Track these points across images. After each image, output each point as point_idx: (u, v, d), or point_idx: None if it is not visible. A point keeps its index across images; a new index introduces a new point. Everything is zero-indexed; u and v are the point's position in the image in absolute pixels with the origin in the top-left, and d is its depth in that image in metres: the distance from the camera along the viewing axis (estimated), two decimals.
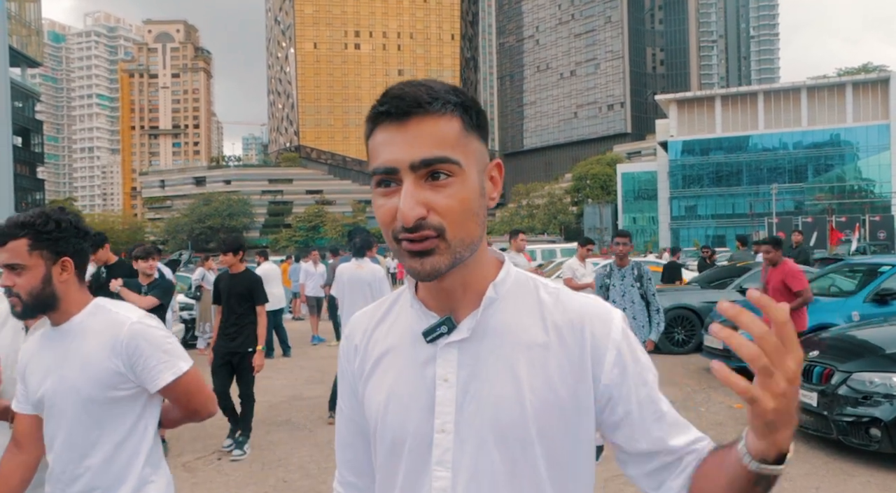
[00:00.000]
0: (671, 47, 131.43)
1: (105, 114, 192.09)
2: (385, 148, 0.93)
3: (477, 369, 0.99)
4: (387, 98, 0.94)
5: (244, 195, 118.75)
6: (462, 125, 0.95)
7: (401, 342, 1.06)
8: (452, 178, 0.92)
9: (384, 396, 1.04)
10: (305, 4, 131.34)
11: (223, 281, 6.12)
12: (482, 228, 0.98)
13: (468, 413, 0.98)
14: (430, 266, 0.92)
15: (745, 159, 67.43)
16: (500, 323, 1.01)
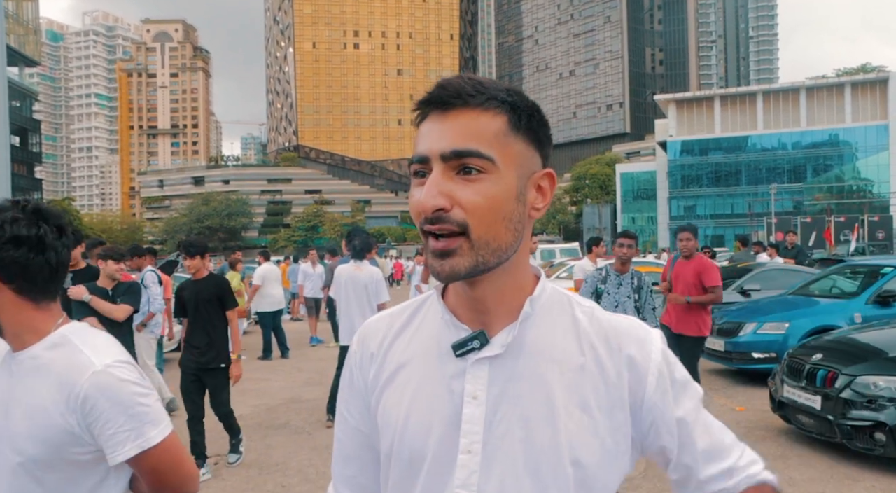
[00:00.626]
0: (670, 47, 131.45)
1: (103, 113, 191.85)
2: (423, 137, 0.91)
3: (509, 387, 0.94)
4: (434, 88, 0.92)
5: (243, 195, 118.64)
6: (507, 124, 0.91)
7: (425, 354, 1.00)
8: (484, 174, 0.89)
9: (404, 410, 0.98)
10: (304, 4, 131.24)
11: (188, 289, 5.47)
12: (516, 237, 0.93)
13: (497, 434, 0.92)
14: (450, 267, 0.89)
15: (744, 159, 67.45)
16: (535, 341, 0.96)
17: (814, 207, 60.55)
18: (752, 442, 5.97)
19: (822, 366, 5.72)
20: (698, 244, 6.31)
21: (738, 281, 10.84)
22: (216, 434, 6.56)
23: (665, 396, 0.97)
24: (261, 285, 11.57)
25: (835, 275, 9.91)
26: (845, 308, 8.41)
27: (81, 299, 4.99)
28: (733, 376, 9.05)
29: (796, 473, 5.27)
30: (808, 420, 5.70)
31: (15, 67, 65.77)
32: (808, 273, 10.75)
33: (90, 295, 5.08)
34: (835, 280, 9.85)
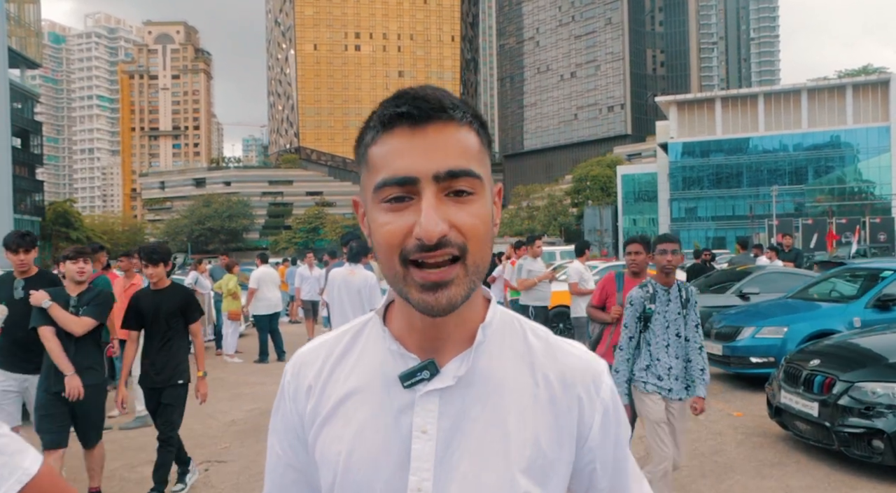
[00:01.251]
0: (671, 49, 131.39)
1: (105, 115, 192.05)
2: (400, 156, 0.82)
3: (460, 420, 0.88)
4: (405, 99, 0.83)
5: (244, 197, 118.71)
6: (479, 140, 0.87)
7: (369, 385, 0.92)
8: (475, 195, 0.83)
9: (346, 446, 0.90)
10: (305, 6, 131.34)
11: (144, 299, 4.89)
12: (490, 259, 0.90)
13: (448, 470, 0.87)
14: (447, 300, 0.82)
15: (746, 161, 67.40)
16: (487, 370, 0.91)
17: (815, 208, 60.49)
18: (750, 449, 5.93)
19: (819, 372, 5.67)
20: (649, 260, 5.01)
21: (737, 284, 10.78)
22: (208, 439, 6.51)
23: (608, 436, 0.95)
24: (257, 289, 11.53)
25: (834, 278, 9.85)
26: (844, 312, 8.35)
27: (41, 305, 4.43)
28: (731, 380, 8.99)
29: (793, 480, 5.21)
30: (806, 427, 5.64)
31: (17, 69, 65.91)
32: (807, 276, 10.69)
33: (51, 301, 4.45)
34: (834, 284, 9.79)
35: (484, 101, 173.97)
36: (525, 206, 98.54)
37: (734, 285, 10.88)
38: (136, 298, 4.95)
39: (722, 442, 6.21)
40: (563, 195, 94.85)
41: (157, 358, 4.84)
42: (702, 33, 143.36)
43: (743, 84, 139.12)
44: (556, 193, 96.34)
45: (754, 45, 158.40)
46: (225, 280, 12.01)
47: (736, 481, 5.22)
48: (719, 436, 6.42)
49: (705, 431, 6.59)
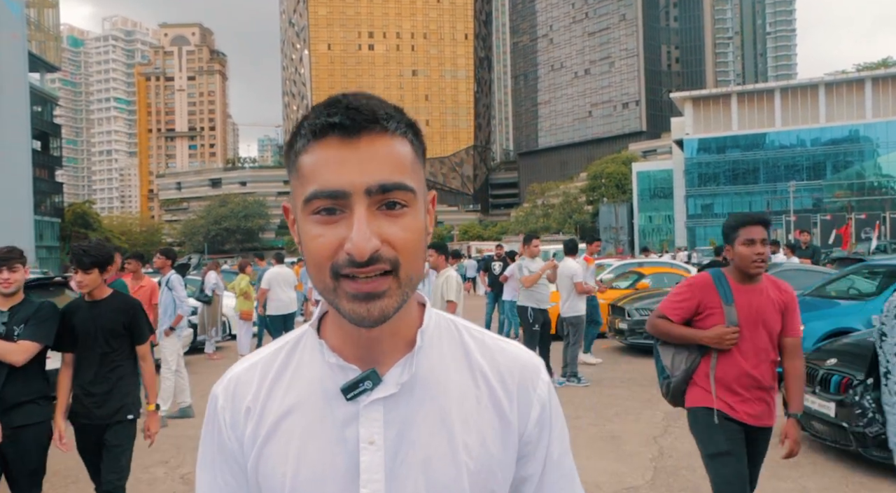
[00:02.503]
0: (686, 44, 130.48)
1: (123, 117, 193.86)
2: (330, 168, 0.80)
3: (406, 428, 0.88)
4: (337, 108, 0.81)
5: (260, 197, 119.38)
6: (413, 150, 0.85)
7: (308, 400, 0.90)
8: (408, 208, 0.82)
9: (291, 466, 0.88)
10: (319, 6, 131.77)
11: (79, 313, 3.82)
12: (424, 268, 0.90)
13: (400, 479, 0.86)
14: (380, 311, 0.81)
15: (762, 157, 66.81)
16: (428, 374, 0.90)
17: (834, 204, 59.87)
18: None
19: (836, 371, 5.58)
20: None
21: None
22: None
23: (543, 431, 0.95)
24: (268, 289, 11.50)
25: (853, 275, 9.69)
26: (862, 310, 8.21)
27: None
28: None
29: (810, 482, 5.13)
30: (823, 427, 5.55)
31: (37, 73, 66.66)
32: (825, 274, 10.54)
33: None
34: (852, 281, 9.63)
35: (498, 98, 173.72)
36: (540, 204, 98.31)
37: None
38: (66, 311, 3.84)
39: None
40: (578, 193, 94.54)
41: (97, 386, 3.77)
42: (717, 28, 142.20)
43: (759, 79, 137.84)
44: (571, 190, 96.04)
45: (770, 40, 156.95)
46: (237, 280, 12.04)
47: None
48: None
49: None
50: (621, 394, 8.26)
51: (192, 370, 8.82)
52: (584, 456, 5.73)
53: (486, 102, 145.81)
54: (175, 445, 6.33)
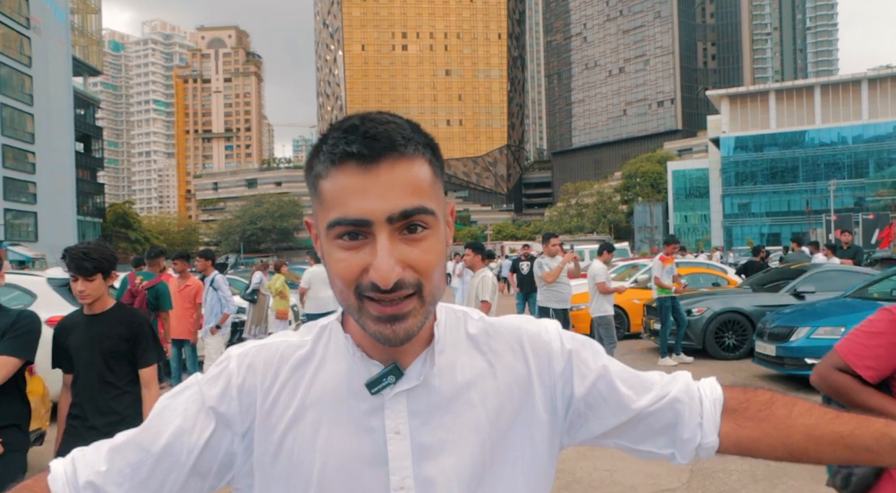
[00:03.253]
0: (723, 41, 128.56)
1: (161, 119, 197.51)
2: (353, 196, 0.82)
3: (430, 416, 0.91)
4: (355, 136, 0.82)
5: (294, 196, 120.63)
6: (432, 170, 0.87)
7: (334, 392, 0.93)
8: (428, 230, 0.84)
9: (318, 456, 0.90)
10: (353, 7, 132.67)
11: (75, 331, 3.25)
12: (445, 278, 0.91)
13: (427, 465, 0.90)
14: (405, 331, 0.84)
15: (802, 155, 65.54)
16: (445, 364, 0.94)
17: (876, 203, 58.44)
18: None
19: None
20: None
21: (792, 283, 10.52)
22: None
23: (573, 372, 0.98)
24: (308, 288, 11.64)
25: None
26: None
27: None
28: (785, 382, 8.78)
29: None
30: None
31: (80, 77, 68.32)
32: (867, 274, 10.35)
33: None
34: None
35: (531, 98, 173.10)
36: (574, 203, 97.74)
37: (788, 283, 10.62)
38: (61, 328, 3.30)
39: None
40: (612, 192, 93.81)
41: (96, 419, 3.14)
42: (755, 24, 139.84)
43: (798, 75, 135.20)
44: (605, 190, 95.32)
45: (811, 35, 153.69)
46: (273, 280, 12.22)
47: (790, 486, 5.10)
48: None
49: None
50: None
51: None
52: (620, 458, 5.73)
53: (520, 101, 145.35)
54: None
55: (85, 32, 72.27)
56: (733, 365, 10.07)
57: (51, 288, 7.75)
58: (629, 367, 1.03)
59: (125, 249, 69.90)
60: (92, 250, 3.15)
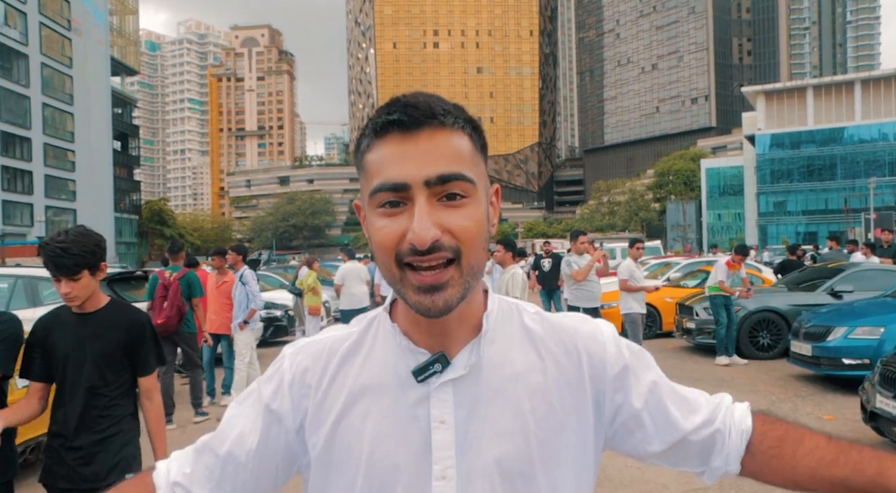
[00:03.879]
0: (759, 37, 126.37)
1: (195, 117, 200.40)
2: (392, 163, 0.85)
3: (475, 407, 0.92)
4: (396, 106, 0.86)
5: (326, 194, 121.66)
6: (472, 143, 0.89)
7: (381, 382, 0.94)
8: (467, 198, 0.86)
9: (367, 444, 0.92)
10: (385, 5, 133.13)
11: (60, 330, 2.71)
12: (487, 256, 0.93)
13: (470, 457, 0.90)
14: (444, 302, 0.85)
15: (840, 152, 64.13)
16: (494, 356, 0.94)
17: None
18: None
19: None
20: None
21: (829, 282, 10.34)
22: None
23: (625, 383, 0.98)
24: (342, 285, 11.75)
25: None
26: None
27: None
28: (821, 382, 8.64)
29: None
30: None
31: (117, 77, 69.70)
32: None
33: None
34: None
35: (563, 95, 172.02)
36: (606, 201, 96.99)
37: (825, 282, 10.44)
38: (42, 325, 2.73)
39: None
40: (644, 190, 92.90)
41: (82, 436, 2.63)
42: (792, 19, 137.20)
43: (838, 71, 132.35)
44: (637, 188, 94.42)
45: (851, 29, 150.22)
46: (305, 276, 12.37)
47: None
48: None
49: None
50: None
51: (265, 363, 9.12)
52: None
53: (551, 98, 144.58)
54: None
55: (123, 33, 73.69)
56: (768, 365, 9.95)
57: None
58: (674, 384, 1.04)
59: (161, 245, 71.04)
60: (71, 244, 2.59)
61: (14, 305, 7.88)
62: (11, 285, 8.25)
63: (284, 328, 13.78)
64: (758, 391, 8.18)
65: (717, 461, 1.00)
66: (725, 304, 10.09)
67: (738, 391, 8.20)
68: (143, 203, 79.86)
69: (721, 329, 10.10)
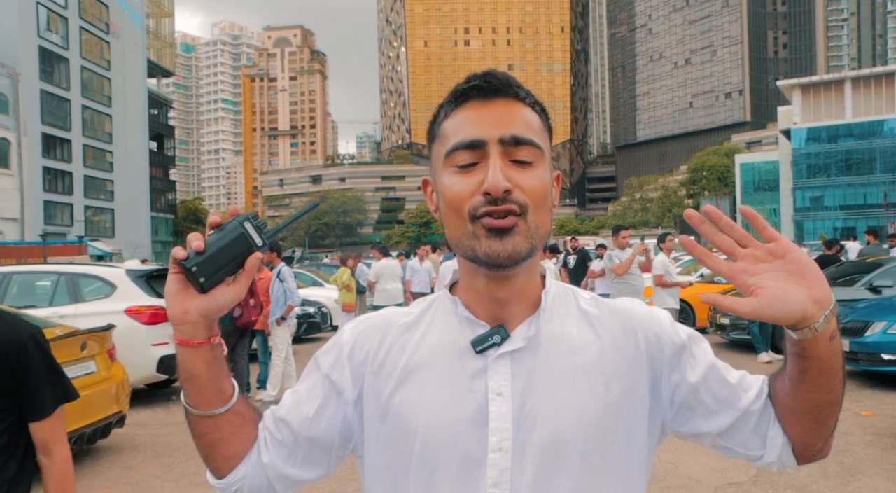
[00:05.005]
0: (795, 29, 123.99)
1: (229, 117, 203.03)
2: (469, 124, 0.91)
3: (533, 380, 0.92)
4: (476, 78, 0.93)
5: (358, 192, 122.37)
6: (542, 121, 0.96)
7: (439, 353, 0.96)
8: (534, 163, 0.91)
9: (424, 413, 0.93)
10: (416, 3, 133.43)
11: None
12: (551, 226, 0.96)
13: (526, 429, 0.91)
14: (512, 246, 0.88)
15: (880, 146, 62.48)
16: (552, 332, 0.96)
17: None
18: (880, 450, 5.65)
19: None
20: None
21: (868, 277, 10.17)
22: None
23: (682, 361, 0.98)
24: (375, 282, 11.85)
25: None
26: None
27: None
28: (860, 378, 8.51)
29: None
30: None
31: (153, 79, 70.96)
32: None
33: None
34: None
35: (595, 91, 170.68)
36: (638, 198, 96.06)
37: (864, 277, 10.26)
38: None
39: (848, 442, 5.92)
40: (677, 186, 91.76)
41: None
42: (830, 10, 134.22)
43: (877, 62, 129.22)
44: (670, 184, 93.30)
45: (892, 20, 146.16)
46: (339, 273, 12.50)
47: (864, 483, 4.97)
48: (845, 435, 6.12)
49: None
50: None
51: (300, 360, 9.26)
52: (686, 451, 5.70)
53: (583, 95, 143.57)
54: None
55: (159, 35, 75.04)
56: None
57: (129, 279, 8.17)
58: (727, 365, 1.03)
59: None
60: None
61: (57, 301, 8.11)
62: (54, 281, 8.48)
63: (318, 325, 13.97)
64: None
65: (772, 431, 0.99)
66: None
67: None
68: (179, 202, 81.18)
69: (755, 326, 9.98)
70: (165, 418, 7.61)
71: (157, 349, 7.82)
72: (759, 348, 10.00)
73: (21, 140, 44.18)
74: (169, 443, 6.46)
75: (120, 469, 5.71)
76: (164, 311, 8.00)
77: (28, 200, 44.79)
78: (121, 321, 7.14)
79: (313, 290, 15.22)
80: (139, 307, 7.88)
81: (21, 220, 43.81)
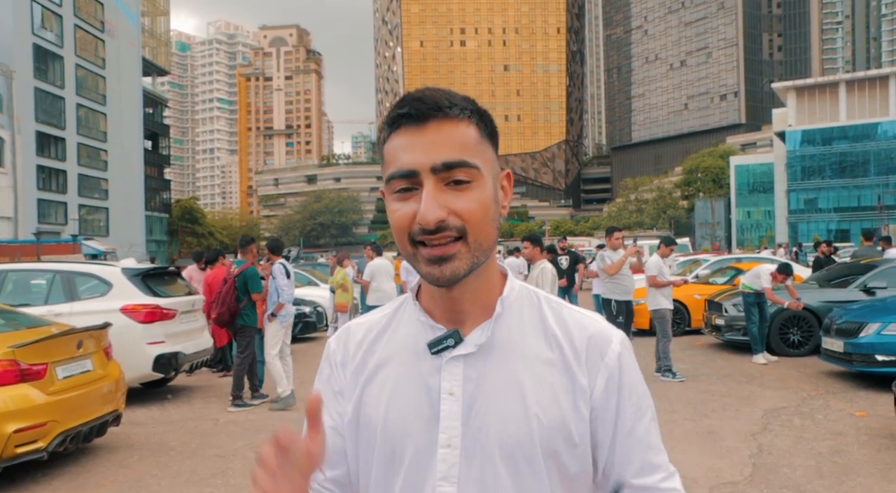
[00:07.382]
0: (790, 32, 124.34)
1: (224, 116, 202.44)
2: (404, 152, 0.93)
3: (482, 384, 0.97)
4: (405, 102, 0.95)
5: (353, 192, 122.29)
6: (478, 132, 0.97)
7: (402, 353, 1.03)
8: (472, 183, 0.93)
9: (383, 408, 1.00)
10: (412, 4, 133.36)
11: None
12: (497, 234, 0.99)
13: (474, 428, 0.96)
14: (451, 271, 0.92)
15: (874, 148, 62.68)
16: (506, 338, 1.00)
17: None
18: (874, 451, 5.67)
19: None
20: None
21: (862, 278, 10.22)
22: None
23: (610, 399, 0.99)
24: (370, 281, 11.81)
25: None
26: None
27: None
28: (854, 379, 8.56)
29: None
30: None
31: (148, 77, 70.78)
32: None
33: None
34: None
35: (590, 92, 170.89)
36: (633, 199, 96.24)
37: (858, 278, 10.31)
38: None
39: (842, 443, 5.95)
40: (672, 188, 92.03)
41: None
42: (825, 13, 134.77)
43: (872, 65, 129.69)
44: (665, 185, 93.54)
45: (886, 23, 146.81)
46: (335, 274, 12.51)
47: (858, 483, 5.00)
48: (839, 436, 6.15)
49: (823, 430, 6.33)
50: (718, 390, 8.12)
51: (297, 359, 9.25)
52: (680, 450, 5.72)
53: (579, 96, 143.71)
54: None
55: (154, 34, 74.84)
56: (799, 362, 9.87)
57: (125, 278, 8.15)
58: (657, 439, 1.03)
59: (191, 243, 72.00)
60: None
61: (52, 299, 8.08)
62: (50, 280, 8.45)
63: (313, 325, 13.95)
64: (789, 388, 8.12)
65: None
66: (758, 301, 10.01)
67: (769, 388, 8.17)
68: (174, 202, 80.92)
69: (753, 327, 10.01)
70: (161, 416, 7.60)
71: (152, 348, 7.81)
72: (755, 349, 10.03)
73: (15, 138, 44.02)
74: (165, 441, 6.46)
75: (116, 468, 5.71)
76: (159, 309, 8.00)
77: (22, 199, 44.61)
78: (116, 320, 7.13)
79: (309, 289, 15.20)
80: (135, 306, 7.87)
81: (14, 218, 43.63)
